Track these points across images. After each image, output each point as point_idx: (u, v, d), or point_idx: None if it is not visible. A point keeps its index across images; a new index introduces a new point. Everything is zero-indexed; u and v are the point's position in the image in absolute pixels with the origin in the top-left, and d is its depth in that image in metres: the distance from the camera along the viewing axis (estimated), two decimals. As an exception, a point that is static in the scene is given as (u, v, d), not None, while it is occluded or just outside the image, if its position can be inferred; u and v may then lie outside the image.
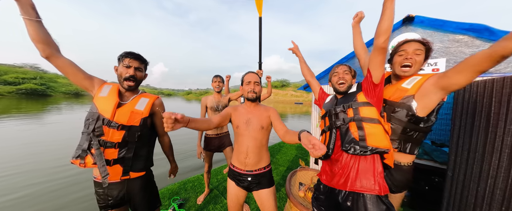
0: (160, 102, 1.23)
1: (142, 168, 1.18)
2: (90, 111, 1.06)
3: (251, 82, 1.23)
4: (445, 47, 1.54)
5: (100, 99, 1.07)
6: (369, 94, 1.04)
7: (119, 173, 1.08)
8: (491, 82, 1.15)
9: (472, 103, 1.27)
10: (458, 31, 1.48)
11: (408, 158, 1.09)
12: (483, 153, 1.16)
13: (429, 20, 1.58)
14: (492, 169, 1.09)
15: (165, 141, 1.36)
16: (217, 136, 2.18)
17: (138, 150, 1.14)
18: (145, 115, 1.13)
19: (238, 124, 1.24)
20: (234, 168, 1.27)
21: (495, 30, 1.32)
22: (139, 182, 1.17)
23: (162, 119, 1.24)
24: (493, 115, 1.11)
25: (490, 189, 1.09)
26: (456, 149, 1.40)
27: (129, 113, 1.08)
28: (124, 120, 1.06)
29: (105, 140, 1.04)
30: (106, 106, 1.05)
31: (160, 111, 1.14)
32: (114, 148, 1.06)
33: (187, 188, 2.54)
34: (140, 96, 1.18)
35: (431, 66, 1.60)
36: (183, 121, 0.85)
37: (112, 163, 1.06)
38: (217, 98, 2.18)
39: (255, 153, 1.21)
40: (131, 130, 1.08)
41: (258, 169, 1.23)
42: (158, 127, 1.27)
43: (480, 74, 0.78)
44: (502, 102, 1.06)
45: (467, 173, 1.27)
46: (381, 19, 0.88)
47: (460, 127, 1.37)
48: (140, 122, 1.11)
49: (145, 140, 1.17)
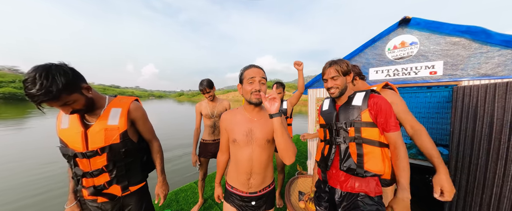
0: (136, 107, 1.03)
1: (141, 179, 1.09)
2: (61, 146, 0.93)
3: (255, 81, 0.88)
4: (442, 50, 1.52)
5: (63, 133, 0.92)
6: (377, 121, 0.94)
7: (119, 191, 0.99)
8: (493, 87, 1.12)
9: (473, 108, 1.25)
10: (455, 33, 1.46)
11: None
12: (486, 160, 1.13)
13: (425, 22, 1.56)
14: (498, 177, 1.06)
15: (154, 146, 1.18)
16: (214, 141, 2.05)
17: (130, 165, 1.02)
18: (122, 129, 0.97)
19: (235, 137, 0.95)
20: (232, 190, 1.02)
21: (493, 33, 1.31)
22: (136, 196, 1.06)
23: (146, 123, 1.09)
24: (496, 121, 1.08)
25: (496, 197, 1.06)
26: (456, 154, 1.37)
27: (103, 132, 0.92)
28: (100, 142, 0.91)
29: (90, 171, 0.92)
30: (73, 139, 0.90)
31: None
32: (104, 172, 0.94)
33: (179, 199, 2.40)
34: (110, 107, 0.97)
35: (429, 69, 1.58)
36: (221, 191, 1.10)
37: (108, 186, 0.95)
38: (212, 105, 2.02)
39: (260, 173, 0.97)
40: (112, 149, 0.94)
41: (264, 188, 1.01)
42: (143, 133, 1.11)
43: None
44: (506, 108, 1.03)
45: (470, 179, 1.25)
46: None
47: (460, 131, 1.35)
48: (119, 138, 0.96)
49: (134, 152, 1.03)
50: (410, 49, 1.66)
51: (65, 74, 0.74)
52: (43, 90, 0.69)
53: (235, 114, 1.02)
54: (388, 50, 1.77)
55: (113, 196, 1.00)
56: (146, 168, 1.16)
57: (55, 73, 0.72)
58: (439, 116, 3.07)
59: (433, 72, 1.57)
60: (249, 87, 0.89)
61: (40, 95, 0.69)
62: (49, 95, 0.70)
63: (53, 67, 0.73)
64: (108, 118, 0.94)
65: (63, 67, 0.76)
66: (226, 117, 1.03)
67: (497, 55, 1.33)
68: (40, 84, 0.68)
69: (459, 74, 1.46)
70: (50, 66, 0.73)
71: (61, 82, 0.72)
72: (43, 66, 0.72)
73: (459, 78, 1.46)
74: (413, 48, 1.64)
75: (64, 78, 0.73)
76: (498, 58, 1.32)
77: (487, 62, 1.36)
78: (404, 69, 1.70)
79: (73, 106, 0.81)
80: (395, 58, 1.74)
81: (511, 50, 1.29)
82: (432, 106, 3.13)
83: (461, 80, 1.45)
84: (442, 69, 1.53)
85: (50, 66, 0.72)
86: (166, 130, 8.75)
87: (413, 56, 1.65)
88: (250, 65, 0.93)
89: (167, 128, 9.59)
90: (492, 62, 1.34)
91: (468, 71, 1.43)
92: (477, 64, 1.39)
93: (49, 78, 0.70)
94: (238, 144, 0.96)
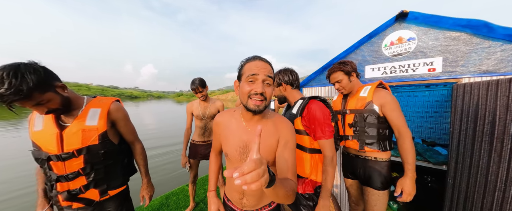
0: (116, 108, 0.99)
1: (122, 183, 1.04)
2: (34, 150, 0.87)
3: (258, 80, 0.66)
4: (441, 45, 1.44)
5: (36, 135, 0.87)
6: (309, 128, 1.02)
7: (97, 196, 0.94)
8: (495, 84, 1.04)
9: (474, 107, 1.17)
10: (455, 28, 1.38)
11: (386, 155, 1.21)
12: (488, 162, 1.05)
13: (423, 17, 1.47)
14: (500, 180, 0.98)
15: (137, 148, 1.14)
16: (204, 143, 1.98)
17: (110, 168, 0.97)
18: (101, 130, 0.92)
19: (227, 150, 0.79)
20: (228, 203, 0.89)
21: (495, 26, 1.23)
22: (115, 200, 1.01)
23: (127, 124, 1.03)
24: (498, 121, 1.00)
25: (498, 203, 0.99)
26: (456, 155, 1.30)
27: (80, 133, 0.87)
28: (76, 143, 0.87)
29: (64, 175, 0.87)
30: (47, 141, 0.85)
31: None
32: (80, 176, 0.89)
33: (170, 203, 2.32)
34: (88, 107, 0.93)
35: (427, 66, 1.50)
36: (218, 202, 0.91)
37: (84, 190, 0.91)
38: (204, 105, 1.92)
39: (254, 196, 0.81)
40: (90, 150, 0.89)
41: (261, 208, 0.84)
42: (124, 134, 1.07)
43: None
44: (509, 107, 0.95)
45: (470, 182, 1.17)
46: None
47: (460, 131, 1.27)
48: (98, 139, 0.91)
49: (114, 154, 0.99)
50: (407, 45, 1.58)
51: (35, 72, 0.71)
52: (12, 89, 0.66)
53: (230, 118, 0.82)
54: (384, 46, 1.69)
55: (90, 201, 0.94)
56: (127, 171, 1.11)
57: (25, 72, 0.69)
58: (437, 115, 3.00)
59: (432, 69, 1.49)
60: (247, 88, 0.66)
61: (10, 95, 0.66)
62: (19, 94, 0.67)
63: (22, 65, 0.70)
64: (86, 119, 0.90)
65: (33, 65, 0.73)
66: (220, 121, 0.85)
67: (500, 50, 1.25)
68: (9, 83, 0.65)
69: (459, 71, 1.38)
70: (18, 65, 0.70)
71: (32, 81, 0.69)
72: (11, 65, 0.69)
73: (459, 76, 1.38)
74: (411, 44, 1.56)
75: (34, 77, 0.70)
76: (500, 54, 1.25)
77: (489, 58, 1.28)
78: (402, 67, 1.62)
79: (47, 105, 0.78)
80: (392, 55, 1.66)
81: (514, 45, 1.21)
82: (431, 105, 3.06)
83: (461, 78, 1.37)
84: (441, 66, 1.45)
85: (19, 65, 0.69)
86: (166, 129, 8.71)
87: (410, 53, 1.57)
88: (254, 57, 0.70)
89: (166, 127, 9.55)
90: (494, 57, 1.26)
91: (468, 68, 1.35)
92: (478, 60, 1.32)
93: (18, 77, 0.67)
94: (230, 159, 0.80)
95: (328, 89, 2.07)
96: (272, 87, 0.70)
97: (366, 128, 1.21)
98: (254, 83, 0.66)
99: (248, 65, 0.68)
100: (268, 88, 0.67)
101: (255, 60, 0.69)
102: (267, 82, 0.67)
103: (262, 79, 0.66)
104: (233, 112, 0.84)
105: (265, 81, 0.66)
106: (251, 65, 0.68)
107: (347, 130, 1.30)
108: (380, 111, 1.17)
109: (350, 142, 1.29)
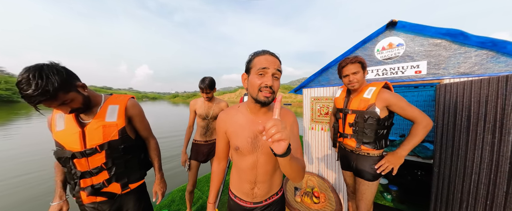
0: (133, 104, 1.05)
1: (140, 177, 1.10)
2: (57, 149, 0.92)
3: (268, 73, 0.70)
4: (426, 50, 1.64)
5: (59, 135, 0.90)
6: None
7: (119, 189, 1.00)
8: (469, 84, 1.23)
9: (453, 103, 1.36)
10: (437, 35, 1.58)
11: (379, 151, 1.32)
12: (466, 150, 1.23)
13: (410, 25, 1.67)
14: (475, 165, 1.16)
15: (151, 143, 1.20)
16: (207, 142, 1.93)
17: (129, 162, 1.04)
18: (121, 125, 0.98)
19: (238, 144, 0.80)
20: (235, 199, 0.91)
21: (469, 35, 1.43)
22: (134, 195, 1.07)
23: (143, 120, 1.10)
24: (473, 114, 1.19)
25: (474, 184, 1.17)
26: (440, 146, 1.48)
27: (101, 129, 0.93)
28: (98, 139, 0.92)
29: (88, 170, 0.93)
30: (70, 139, 0.89)
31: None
32: (103, 170, 0.95)
33: (176, 198, 2.41)
34: (106, 104, 0.97)
35: (414, 69, 1.70)
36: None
37: (107, 184, 0.96)
38: (208, 105, 1.89)
39: (266, 182, 0.85)
40: (111, 145, 0.96)
41: (271, 197, 0.90)
42: (140, 130, 1.13)
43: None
44: (481, 103, 1.14)
45: (452, 169, 1.35)
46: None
47: (443, 125, 1.46)
48: (118, 134, 0.97)
49: (132, 149, 1.05)
50: (397, 50, 1.77)
51: (58, 73, 0.74)
52: (39, 90, 0.67)
53: (235, 114, 0.85)
54: (377, 51, 1.88)
55: (113, 194, 1.00)
56: (144, 166, 1.17)
57: (49, 73, 0.71)
58: (425, 113, 3.23)
59: (418, 72, 1.69)
60: (258, 81, 0.69)
61: (37, 96, 0.68)
62: (46, 95, 0.70)
63: (45, 67, 0.72)
64: (106, 115, 0.95)
65: (56, 66, 0.76)
66: (225, 118, 0.86)
67: (474, 55, 1.45)
68: (36, 85, 0.67)
69: (441, 73, 1.58)
70: (42, 66, 0.72)
71: (56, 81, 0.72)
72: (35, 67, 0.71)
73: (441, 77, 1.57)
74: (399, 49, 1.76)
75: (58, 77, 0.73)
76: (474, 58, 1.45)
77: (465, 62, 1.48)
78: (392, 69, 1.81)
79: (71, 105, 0.81)
80: (383, 58, 1.85)
81: (486, 50, 1.42)
82: (419, 104, 3.30)
83: (443, 79, 1.56)
84: (426, 68, 1.65)
85: (42, 66, 0.72)
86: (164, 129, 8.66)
87: (400, 57, 1.76)
88: (264, 51, 0.73)
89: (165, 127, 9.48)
90: (470, 61, 1.47)
91: (449, 70, 1.55)
92: (456, 63, 1.52)
93: (43, 78, 0.69)
94: (241, 152, 0.81)
95: (327, 90, 2.24)
96: (279, 81, 0.74)
97: (365, 129, 1.27)
98: (264, 76, 0.69)
99: (258, 59, 0.71)
100: (276, 82, 0.71)
101: (265, 54, 0.72)
102: (276, 75, 0.71)
103: (272, 73, 0.69)
104: (238, 107, 0.87)
105: (274, 75, 0.70)
106: (261, 59, 0.71)
107: (347, 128, 1.40)
108: (382, 112, 1.23)
109: (348, 140, 1.40)
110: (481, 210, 1.11)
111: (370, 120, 1.25)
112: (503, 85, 1.00)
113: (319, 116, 2.31)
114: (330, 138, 2.06)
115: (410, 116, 1.17)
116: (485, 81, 1.11)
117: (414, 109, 1.17)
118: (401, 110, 1.19)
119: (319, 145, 2.34)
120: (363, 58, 1.30)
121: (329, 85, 2.21)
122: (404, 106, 1.18)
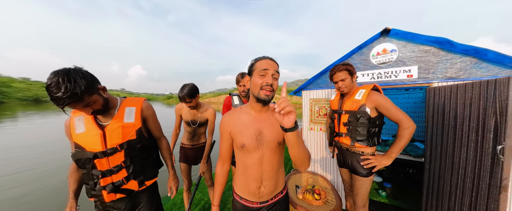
0: (147, 106, 1.13)
1: (154, 174, 1.17)
2: (77, 151, 0.94)
3: (268, 74, 0.79)
4: (416, 56, 1.78)
5: (79, 138, 0.93)
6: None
7: (136, 186, 1.06)
8: (455, 87, 1.36)
9: (441, 105, 1.49)
10: (426, 42, 1.73)
11: (372, 149, 1.41)
12: (453, 148, 1.36)
13: (402, 33, 1.81)
14: (462, 160, 1.29)
15: (163, 143, 1.27)
16: (193, 146, 1.87)
17: (145, 161, 1.10)
18: (138, 126, 1.05)
19: (243, 141, 0.85)
20: (241, 201, 0.92)
21: (455, 43, 1.58)
22: (147, 193, 1.13)
23: (155, 121, 1.18)
24: (459, 115, 1.32)
25: (461, 178, 1.29)
26: (430, 144, 1.61)
27: (120, 129, 0.98)
28: (118, 138, 0.97)
29: (109, 169, 0.98)
30: (92, 141, 0.93)
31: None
32: (122, 168, 1.01)
33: (177, 202, 2.44)
34: (123, 106, 1.03)
35: (406, 73, 1.83)
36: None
37: (126, 181, 1.02)
38: (193, 113, 1.78)
39: (272, 178, 0.89)
40: (129, 145, 1.02)
41: (276, 195, 0.93)
42: (153, 130, 1.19)
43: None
44: (466, 104, 1.27)
45: (441, 165, 1.48)
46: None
47: (433, 125, 1.59)
48: (135, 134, 1.03)
49: (147, 148, 1.12)
50: (390, 55, 1.91)
51: (84, 77, 0.80)
52: (68, 93, 0.73)
53: (238, 114, 0.90)
54: (372, 56, 2.01)
55: (131, 191, 1.06)
56: (156, 164, 1.23)
57: (76, 77, 0.76)
58: (416, 114, 3.44)
59: (410, 76, 1.82)
60: (259, 81, 0.79)
61: (66, 98, 0.73)
62: (74, 97, 0.75)
63: (72, 71, 0.77)
64: (124, 116, 1.02)
65: (81, 70, 0.81)
66: (229, 119, 0.90)
67: (459, 61, 1.60)
68: (65, 88, 0.72)
69: (430, 77, 1.72)
70: (69, 70, 0.77)
71: (83, 85, 0.78)
72: (63, 71, 0.75)
73: (430, 81, 1.71)
74: (393, 54, 1.89)
75: (84, 81, 0.78)
76: (460, 64, 1.60)
77: (452, 67, 1.63)
78: (386, 73, 1.94)
79: (93, 106, 0.87)
80: (378, 63, 1.98)
81: (469, 57, 1.57)
82: (410, 105, 3.50)
83: (432, 82, 1.70)
84: (417, 73, 1.79)
85: (69, 70, 0.77)
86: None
87: (393, 62, 1.90)
88: (264, 57, 0.83)
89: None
90: (456, 67, 1.61)
91: (437, 74, 1.69)
92: (444, 69, 1.66)
93: (71, 82, 0.74)
94: (247, 149, 0.85)
95: (326, 92, 2.35)
96: (277, 81, 0.83)
97: (358, 127, 1.37)
98: (265, 76, 0.79)
99: (260, 62, 0.82)
100: (275, 82, 0.81)
101: (265, 58, 0.83)
102: (275, 76, 0.81)
103: (271, 74, 0.79)
104: (240, 109, 0.93)
105: (273, 75, 0.80)
106: (262, 62, 0.81)
107: (342, 127, 1.51)
108: (372, 112, 1.33)
109: (343, 138, 1.50)
110: (468, 201, 1.23)
111: (362, 119, 1.35)
112: (485, 89, 1.13)
113: (318, 117, 2.41)
114: (327, 138, 2.16)
115: (395, 117, 1.23)
116: (469, 85, 1.24)
117: (399, 111, 1.23)
118: (387, 111, 1.26)
119: (318, 145, 2.44)
120: (350, 65, 1.40)
121: (327, 88, 2.33)
122: (390, 108, 1.25)
